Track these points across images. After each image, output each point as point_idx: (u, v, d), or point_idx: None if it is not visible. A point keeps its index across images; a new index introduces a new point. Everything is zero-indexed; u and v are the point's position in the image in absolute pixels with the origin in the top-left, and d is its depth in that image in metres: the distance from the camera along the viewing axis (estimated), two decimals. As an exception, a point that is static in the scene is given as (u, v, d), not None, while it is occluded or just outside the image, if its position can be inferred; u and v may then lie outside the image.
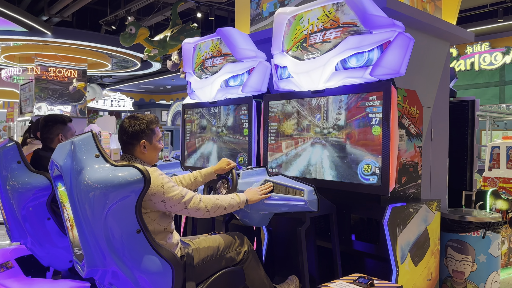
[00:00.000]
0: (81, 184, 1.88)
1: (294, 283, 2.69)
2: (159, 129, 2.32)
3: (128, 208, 1.88)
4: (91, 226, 1.89)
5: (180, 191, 2.12)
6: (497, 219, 3.09)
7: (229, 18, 11.23)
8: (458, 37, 3.36)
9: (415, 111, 2.75)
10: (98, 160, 1.92)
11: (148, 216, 2.09)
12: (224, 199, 2.31)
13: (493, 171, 7.22)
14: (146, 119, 2.25)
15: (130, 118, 2.25)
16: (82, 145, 1.95)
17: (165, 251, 2.01)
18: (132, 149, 2.22)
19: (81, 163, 1.91)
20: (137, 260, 1.93)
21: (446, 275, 3.11)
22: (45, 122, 2.98)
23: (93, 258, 1.93)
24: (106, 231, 1.88)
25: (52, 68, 13.16)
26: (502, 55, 10.84)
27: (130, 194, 1.87)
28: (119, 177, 1.86)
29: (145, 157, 2.24)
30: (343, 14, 2.63)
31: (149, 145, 2.24)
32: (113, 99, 21.97)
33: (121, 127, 2.24)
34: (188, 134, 4.06)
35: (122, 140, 2.24)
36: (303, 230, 2.45)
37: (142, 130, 2.21)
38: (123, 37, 8.45)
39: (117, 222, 1.88)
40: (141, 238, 1.93)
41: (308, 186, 2.46)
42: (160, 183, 2.07)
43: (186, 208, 2.14)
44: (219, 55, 3.57)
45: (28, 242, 2.66)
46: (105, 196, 1.85)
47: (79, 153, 1.92)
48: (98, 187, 1.85)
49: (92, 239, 1.91)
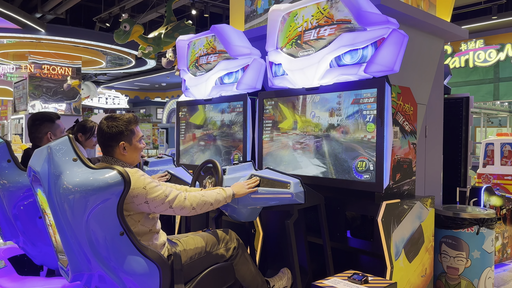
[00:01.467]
0: (60, 189, 1.84)
1: (286, 276, 2.71)
2: (139, 129, 2.23)
3: (109, 211, 1.85)
4: (73, 230, 1.85)
5: (164, 191, 2.08)
6: (491, 216, 3.10)
7: (224, 15, 11.20)
8: (453, 34, 3.37)
9: (409, 108, 2.76)
10: (76, 164, 1.88)
11: (132, 219, 2.05)
12: (210, 195, 2.28)
13: (487, 167, 7.27)
14: (124, 119, 2.14)
15: (107, 119, 2.15)
16: (59, 149, 1.90)
17: (151, 251, 1.99)
18: (112, 151, 2.15)
19: (59, 168, 1.86)
20: (122, 263, 1.90)
21: (441, 271, 3.12)
22: (33, 121, 2.90)
23: (78, 263, 1.90)
24: (88, 235, 1.85)
25: (46, 65, 13.09)
26: (496, 52, 10.89)
27: (111, 197, 1.84)
28: (98, 180, 1.83)
29: (125, 159, 2.17)
30: (338, 11, 2.63)
31: (129, 146, 2.15)
32: (108, 97, 21.88)
33: (98, 129, 2.16)
34: (183, 132, 4.05)
35: (100, 142, 2.16)
36: (291, 223, 2.46)
37: (120, 131, 2.12)
38: (117, 34, 8.41)
39: (99, 225, 1.85)
40: (125, 240, 1.89)
41: (294, 178, 2.46)
42: (141, 184, 2.02)
43: (171, 208, 2.10)
44: (214, 52, 3.56)
45: (20, 241, 2.64)
46: (85, 199, 1.81)
47: (56, 158, 1.88)
48: (78, 190, 1.81)
49: (75, 244, 1.87)
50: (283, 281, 2.68)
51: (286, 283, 2.69)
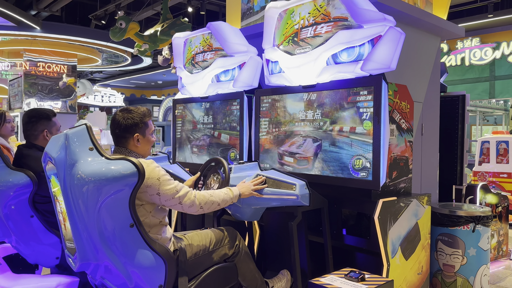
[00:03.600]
0: (75, 177, 1.85)
1: (286, 277, 2.70)
2: (152, 122, 2.29)
3: (121, 202, 1.86)
4: (84, 219, 1.87)
5: (175, 186, 2.10)
6: (487, 213, 3.11)
7: (220, 13, 11.17)
8: (449, 32, 3.37)
9: (406, 106, 2.76)
10: (92, 153, 1.90)
11: (144, 209, 2.07)
12: (218, 195, 2.29)
13: (483, 165, 7.29)
14: (140, 112, 2.22)
15: (123, 111, 2.22)
16: (76, 137, 1.92)
17: (159, 245, 2.00)
18: (126, 142, 2.19)
19: (75, 156, 1.88)
20: (130, 255, 1.91)
21: (437, 269, 3.13)
22: (28, 118, 2.81)
23: (86, 252, 1.91)
24: (99, 225, 1.86)
25: (41, 63, 13.01)
26: (492, 50, 10.91)
27: (124, 188, 1.85)
28: (113, 171, 1.84)
29: (138, 150, 2.22)
30: (334, 8, 2.62)
31: (143, 138, 2.22)
32: (104, 95, 21.78)
33: (113, 120, 2.20)
34: (179, 130, 4.04)
35: (114, 134, 2.21)
36: (294, 225, 2.45)
37: (136, 123, 2.18)
38: (113, 32, 8.36)
39: (110, 215, 1.86)
40: (134, 232, 1.91)
41: (300, 180, 2.45)
42: (156, 175, 2.05)
43: (180, 204, 2.12)
44: (210, 50, 3.55)
45: (13, 240, 2.62)
46: (98, 189, 1.83)
47: (73, 146, 1.89)
48: (92, 180, 1.83)
49: (84, 233, 1.88)
50: (283, 283, 2.67)
51: (286, 285, 2.67)
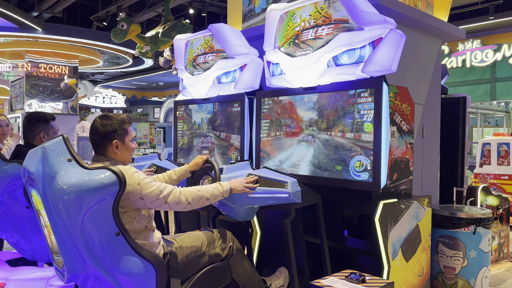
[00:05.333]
0: (55, 189, 1.82)
1: (283, 275, 2.71)
2: (132, 129, 2.26)
3: (105, 211, 1.84)
4: (68, 231, 1.84)
5: (158, 186, 2.09)
6: (488, 215, 3.11)
7: (221, 15, 11.20)
8: (450, 34, 3.38)
9: (407, 108, 2.76)
10: (71, 164, 1.87)
11: (128, 215, 2.05)
12: (206, 190, 2.27)
13: (484, 167, 7.29)
14: (119, 119, 2.19)
15: (101, 118, 2.19)
16: (53, 149, 1.89)
17: (147, 251, 1.98)
18: (104, 149, 2.17)
19: (54, 168, 1.85)
20: (118, 263, 1.89)
21: (437, 271, 3.13)
22: (28, 120, 3.01)
23: (73, 264, 1.89)
24: (84, 236, 1.84)
25: (42, 64, 13.04)
26: (493, 52, 10.92)
27: (106, 197, 1.82)
28: (93, 181, 1.81)
29: (117, 157, 2.19)
30: (335, 10, 2.63)
31: (122, 145, 2.19)
32: (105, 96, 21.82)
33: (92, 126, 2.18)
34: (180, 131, 4.05)
35: (93, 140, 2.18)
36: (288, 222, 2.45)
37: (114, 129, 2.15)
38: (114, 33, 8.39)
39: (94, 226, 1.84)
40: (121, 240, 1.89)
41: (292, 178, 2.45)
42: (136, 180, 2.03)
43: (166, 203, 2.11)
44: (211, 52, 3.56)
45: (10, 235, 2.64)
46: (80, 200, 1.80)
47: (51, 158, 1.86)
48: (73, 191, 1.80)
49: (70, 245, 1.86)
50: (280, 280, 2.69)
51: (283, 282, 2.69)
